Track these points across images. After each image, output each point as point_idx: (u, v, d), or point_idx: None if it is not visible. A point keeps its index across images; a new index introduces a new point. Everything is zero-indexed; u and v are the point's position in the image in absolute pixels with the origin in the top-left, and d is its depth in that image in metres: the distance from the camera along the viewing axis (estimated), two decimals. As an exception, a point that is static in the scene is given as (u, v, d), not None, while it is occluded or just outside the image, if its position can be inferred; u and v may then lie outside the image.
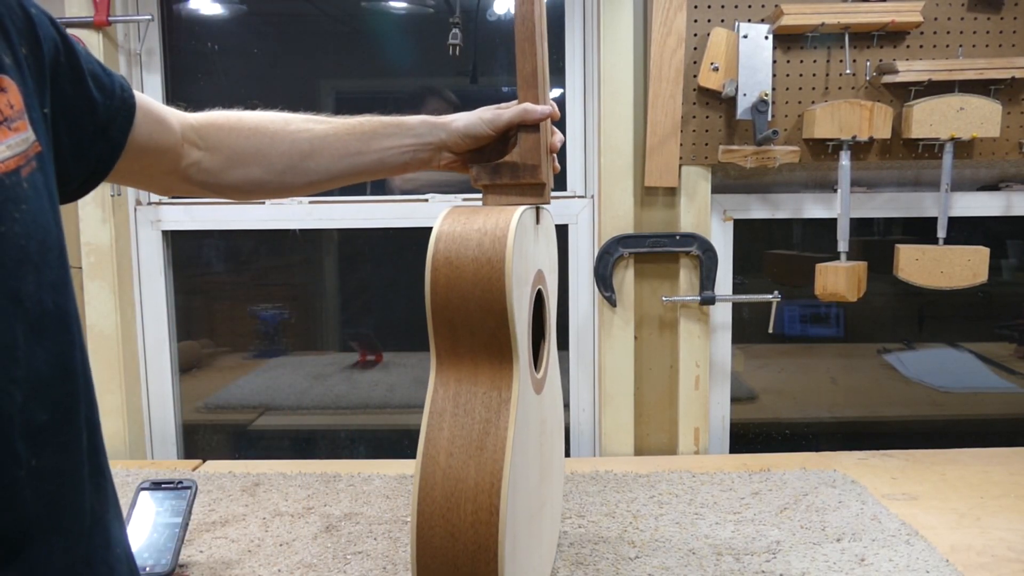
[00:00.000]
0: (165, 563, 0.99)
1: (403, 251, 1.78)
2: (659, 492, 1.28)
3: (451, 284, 0.74)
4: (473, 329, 0.75)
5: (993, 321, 1.87)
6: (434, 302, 0.75)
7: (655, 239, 1.48)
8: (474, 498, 0.71)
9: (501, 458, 0.72)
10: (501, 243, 0.74)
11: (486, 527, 0.71)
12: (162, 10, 1.59)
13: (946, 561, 1.02)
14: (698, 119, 1.46)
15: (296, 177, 0.87)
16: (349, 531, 1.15)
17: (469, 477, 0.72)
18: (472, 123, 0.88)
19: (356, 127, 0.88)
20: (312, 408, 1.81)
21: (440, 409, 0.76)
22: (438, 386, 0.77)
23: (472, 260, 0.74)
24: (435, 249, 0.75)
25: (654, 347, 1.55)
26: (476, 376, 0.76)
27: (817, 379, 1.87)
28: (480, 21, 1.62)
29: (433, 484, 0.72)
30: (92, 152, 0.68)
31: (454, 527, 0.71)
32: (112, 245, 1.53)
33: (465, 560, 0.71)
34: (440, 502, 0.72)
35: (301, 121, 0.88)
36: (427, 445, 0.74)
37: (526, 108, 0.87)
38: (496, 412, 0.74)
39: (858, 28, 1.40)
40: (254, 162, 0.85)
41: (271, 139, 0.86)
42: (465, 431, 0.74)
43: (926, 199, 1.53)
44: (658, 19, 1.42)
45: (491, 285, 0.73)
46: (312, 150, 0.87)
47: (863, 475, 1.33)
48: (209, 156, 0.84)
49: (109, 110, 0.69)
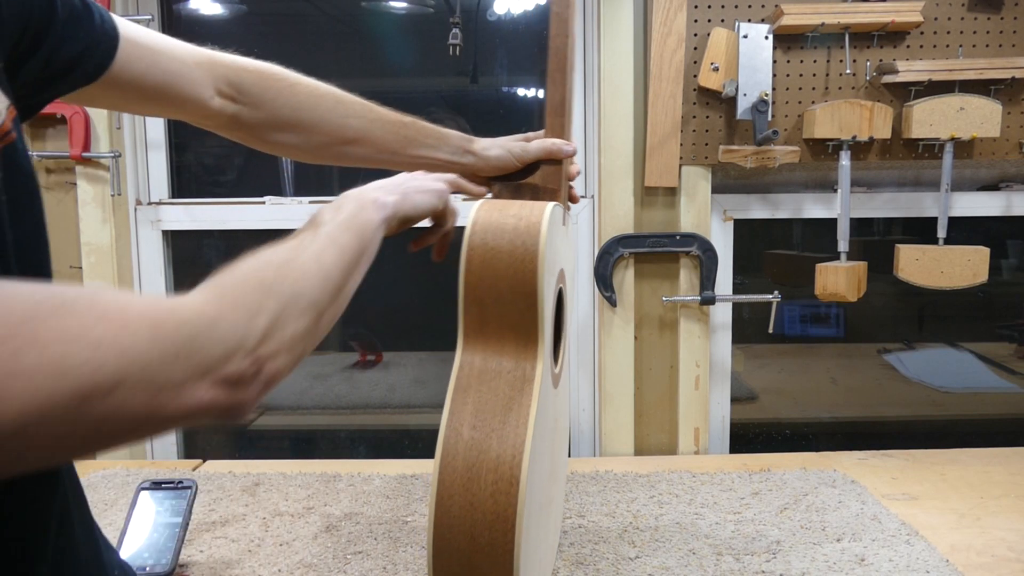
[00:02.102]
0: (165, 563, 0.99)
1: (404, 251, 1.77)
2: (659, 492, 1.28)
3: (485, 264, 0.78)
4: (502, 309, 0.78)
5: (993, 321, 1.87)
6: (467, 281, 0.78)
7: (655, 239, 1.48)
8: (495, 468, 0.73)
9: (524, 432, 0.74)
10: (536, 228, 0.78)
11: (505, 497, 0.72)
12: (162, 10, 1.59)
13: (946, 561, 1.02)
14: (698, 119, 1.46)
15: (330, 156, 0.89)
16: (349, 531, 1.15)
17: (491, 449, 0.74)
18: (503, 157, 0.91)
19: (400, 128, 0.89)
20: (312, 408, 1.81)
21: (465, 384, 0.78)
22: (464, 362, 0.79)
23: (508, 243, 0.78)
24: (471, 231, 0.79)
25: (654, 347, 1.55)
26: (501, 355, 0.79)
27: (817, 379, 1.87)
28: (480, 21, 1.62)
29: (455, 454, 0.74)
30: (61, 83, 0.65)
31: (474, 496, 0.73)
32: (112, 245, 1.53)
33: (483, 529, 0.72)
34: (461, 472, 0.73)
35: (353, 105, 0.87)
36: (451, 417, 0.76)
37: (553, 147, 0.91)
38: (519, 390, 0.77)
39: (858, 28, 1.40)
40: (295, 132, 0.85)
41: (320, 116, 0.85)
42: (489, 405, 0.76)
43: (926, 199, 1.53)
44: (658, 19, 1.42)
45: (524, 267, 0.77)
46: (356, 139, 0.87)
47: (863, 475, 1.33)
48: (248, 111, 0.82)
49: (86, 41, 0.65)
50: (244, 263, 0.55)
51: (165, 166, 1.61)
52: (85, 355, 0.40)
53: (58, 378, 0.38)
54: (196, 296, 0.49)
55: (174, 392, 0.43)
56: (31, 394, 0.38)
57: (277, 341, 0.51)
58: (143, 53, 0.71)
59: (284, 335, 0.52)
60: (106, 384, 0.40)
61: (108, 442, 0.43)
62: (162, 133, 1.60)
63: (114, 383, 0.40)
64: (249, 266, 0.54)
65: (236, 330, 0.48)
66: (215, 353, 0.46)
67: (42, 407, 0.38)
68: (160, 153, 1.60)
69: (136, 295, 0.46)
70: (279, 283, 0.54)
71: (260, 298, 0.51)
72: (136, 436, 0.44)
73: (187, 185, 1.69)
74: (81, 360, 0.39)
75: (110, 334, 0.41)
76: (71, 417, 0.39)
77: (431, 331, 1.87)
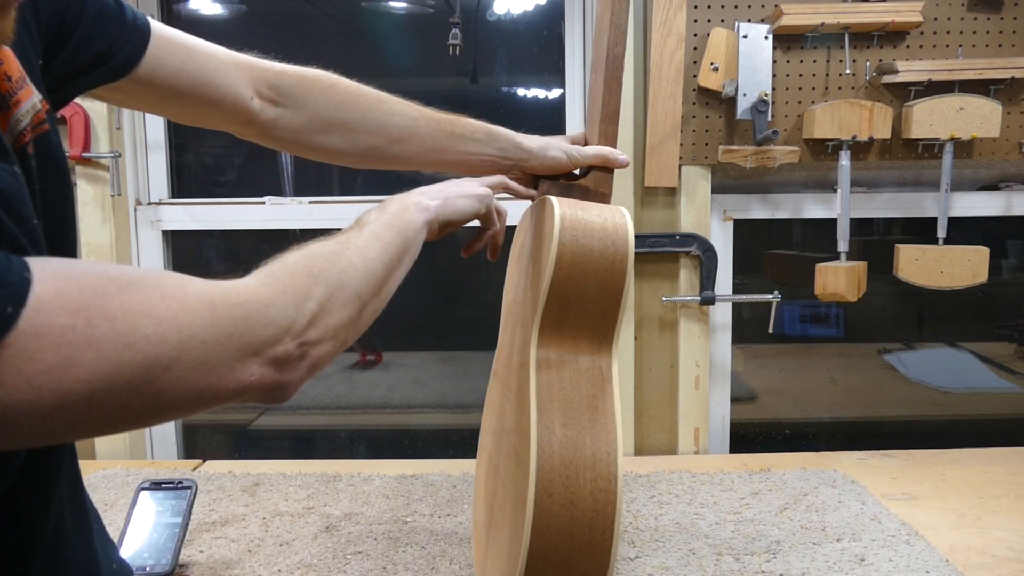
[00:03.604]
0: (165, 563, 0.99)
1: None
2: (659, 492, 1.28)
3: (576, 262, 0.79)
4: (585, 307, 0.79)
5: (993, 321, 1.87)
6: (556, 277, 0.79)
7: (655, 239, 1.48)
8: (592, 466, 0.73)
9: (613, 429, 0.75)
10: (623, 228, 0.80)
11: (604, 494, 0.73)
12: (162, 10, 1.59)
13: (946, 561, 1.02)
14: (698, 119, 1.46)
15: (377, 158, 0.88)
16: (349, 531, 1.15)
17: (586, 446, 0.74)
18: (560, 160, 0.92)
19: (446, 125, 0.89)
20: (312, 408, 1.81)
21: (548, 382, 0.78)
22: (542, 360, 0.80)
23: (599, 241, 0.79)
24: (562, 227, 0.79)
25: (654, 347, 1.55)
26: (577, 353, 0.80)
27: (817, 379, 1.87)
28: (480, 21, 1.62)
29: (551, 453, 0.74)
30: (89, 77, 0.66)
31: (574, 495, 0.73)
32: (112, 245, 1.53)
33: (582, 528, 0.72)
34: (559, 470, 0.73)
35: (394, 103, 0.87)
36: (541, 415, 0.76)
37: (610, 155, 0.93)
38: (601, 388, 0.79)
39: (858, 28, 1.40)
40: (339, 132, 0.85)
41: (363, 115, 0.85)
42: (575, 403, 0.77)
43: (926, 199, 1.53)
44: (658, 19, 1.42)
45: (615, 266, 0.79)
46: (402, 137, 0.87)
47: (863, 475, 1.33)
48: (290, 115, 0.82)
49: (116, 37, 0.66)
50: (293, 253, 0.57)
51: (165, 166, 1.60)
52: (150, 329, 0.42)
53: (125, 349, 0.41)
54: (250, 280, 0.51)
55: (227, 369, 0.46)
56: (102, 362, 0.41)
57: (323, 327, 0.54)
58: (177, 50, 0.72)
59: (330, 322, 0.54)
60: (166, 358, 0.43)
61: (163, 414, 0.45)
62: (162, 133, 1.60)
63: (174, 357, 0.43)
64: (298, 256, 0.56)
65: (286, 314, 0.51)
66: (266, 334, 0.49)
67: (111, 375, 0.41)
68: (160, 153, 1.60)
69: (195, 278, 0.48)
70: (326, 273, 0.56)
71: (309, 285, 0.54)
72: (188, 410, 0.46)
73: (187, 185, 1.69)
74: (146, 334, 0.42)
75: (172, 311, 0.44)
76: (134, 387, 0.42)
77: (431, 331, 1.87)
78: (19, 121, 0.52)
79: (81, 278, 0.42)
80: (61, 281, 0.41)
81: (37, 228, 0.50)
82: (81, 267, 0.43)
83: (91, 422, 0.42)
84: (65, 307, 0.40)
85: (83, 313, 0.40)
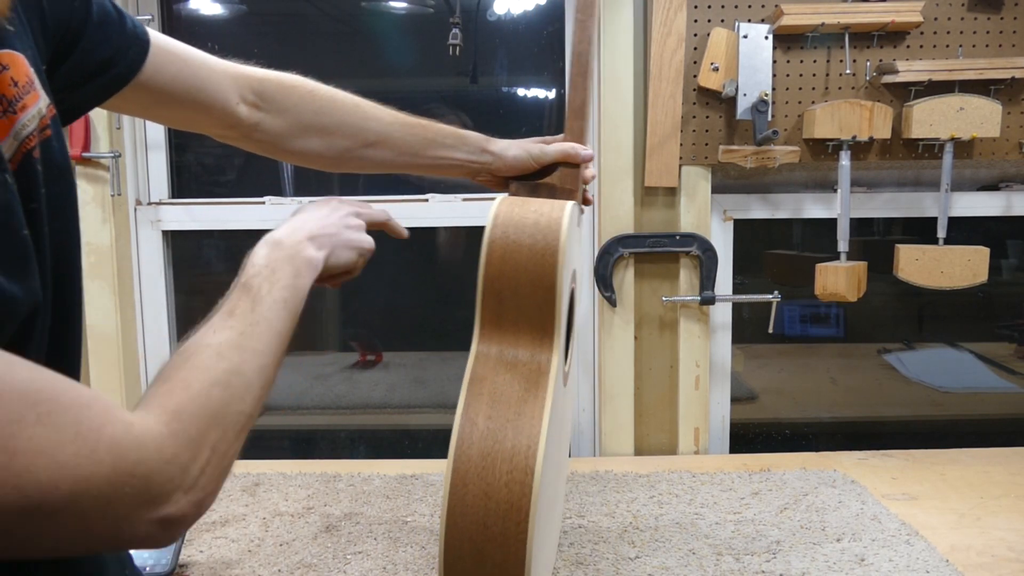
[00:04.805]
0: (165, 563, 0.99)
1: (404, 251, 1.77)
2: (659, 492, 1.28)
3: (506, 258, 0.79)
4: (520, 302, 0.80)
5: (993, 321, 1.87)
6: (487, 273, 0.80)
7: (655, 239, 1.49)
8: (510, 458, 0.74)
9: (539, 423, 0.75)
10: (557, 223, 0.80)
11: (520, 487, 0.73)
12: (162, 10, 1.59)
13: (946, 561, 1.02)
14: (698, 119, 1.46)
15: (352, 161, 0.90)
16: (349, 531, 1.15)
17: (507, 439, 0.75)
18: (520, 157, 0.93)
19: (420, 129, 0.91)
20: (312, 408, 1.81)
21: (481, 375, 0.79)
22: (479, 353, 0.81)
23: (528, 236, 0.80)
24: (493, 225, 0.80)
25: (654, 347, 1.55)
26: (517, 347, 0.80)
27: (817, 379, 1.87)
28: (480, 21, 1.62)
29: (471, 443, 0.75)
30: (93, 85, 0.66)
31: (488, 485, 0.73)
32: (112, 245, 1.53)
33: (496, 519, 0.73)
34: (476, 460, 0.74)
35: (370, 108, 0.89)
36: (466, 407, 0.77)
37: (571, 150, 0.93)
38: (535, 382, 0.78)
39: (858, 28, 1.40)
40: (316, 136, 0.87)
41: (340, 119, 0.87)
42: (505, 396, 0.77)
43: (926, 199, 1.53)
44: (658, 19, 1.42)
45: (544, 260, 0.79)
46: (376, 140, 0.89)
47: (863, 475, 1.33)
48: (271, 119, 0.84)
49: (118, 44, 0.67)
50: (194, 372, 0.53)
51: (165, 166, 1.60)
52: (45, 475, 0.40)
53: (12, 490, 0.39)
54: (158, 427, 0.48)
55: (113, 524, 0.44)
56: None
57: (214, 474, 0.51)
58: (173, 58, 0.74)
59: (222, 465, 0.52)
60: (52, 506, 0.41)
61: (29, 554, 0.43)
62: (162, 133, 1.60)
63: (61, 507, 0.41)
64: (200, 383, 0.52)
65: (183, 468, 0.48)
66: (161, 493, 0.47)
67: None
68: (160, 153, 1.60)
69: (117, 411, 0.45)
70: (224, 408, 0.53)
71: (207, 430, 0.51)
72: (60, 554, 0.44)
73: (187, 185, 1.69)
74: (39, 479, 0.40)
75: (76, 459, 0.42)
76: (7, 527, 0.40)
77: (431, 331, 1.87)
78: (25, 126, 0.52)
79: (4, 395, 0.40)
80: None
81: (27, 239, 0.49)
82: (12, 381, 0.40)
83: None
84: None
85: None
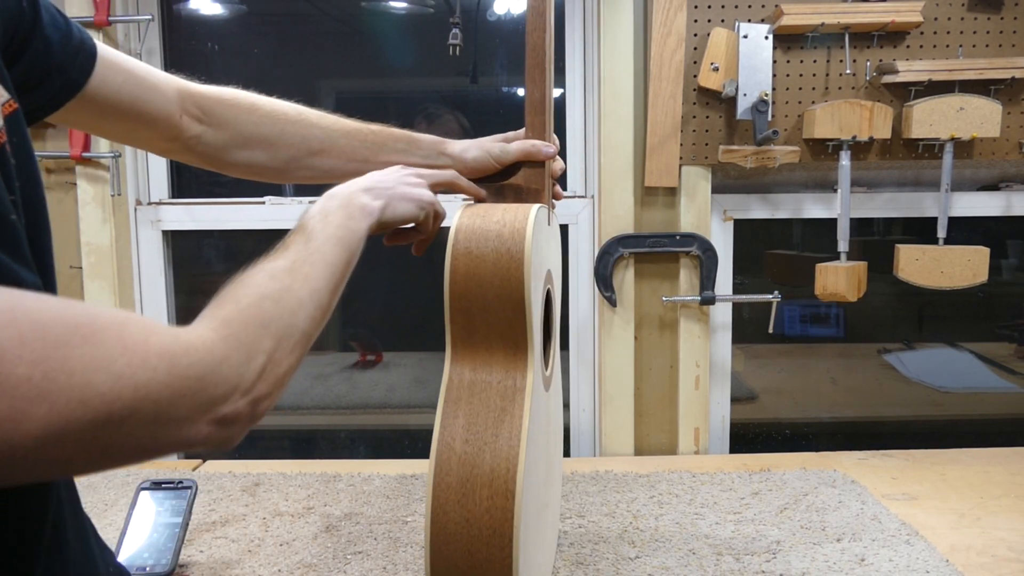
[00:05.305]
0: (165, 563, 0.99)
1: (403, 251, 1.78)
2: (659, 492, 1.28)
3: (470, 273, 0.76)
4: (490, 318, 0.77)
5: (993, 321, 1.87)
6: (453, 291, 0.77)
7: (655, 239, 1.49)
8: (490, 483, 0.72)
9: (517, 444, 0.73)
10: (520, 234, 0.76)
11: (501, 512, 0.72)
12: (162, 10, 1.59)
13: (946, 561, 1.02)
14: (698, 119, 1.46)
15: (299, 170, 0.89)
16: (349, 531, 1.15)
17: (485, 463, 0.73)
18: (481, 158, 0.90)
19: (368, 135, 0.89)
20: (312, 408, 1.81)
21: (455, 397, 0.77)
22: (453, 375, 0.78)
23: (492, 250, 0.76)
24: (455, 240, 0.77)
25: (654, 347, 1.55)
26: (491, 365, 0.78)
27: (817, 379, 1.87)
28: (480, 21, 1.62)
29: (448, 471, 0.73)
30: (43, 90, 0.66)
31: (469, 512, 0.72)
32: (112, 245, 1.53)
33: (480, 545, 0.72)
34: (455, 488, 0.73)
35: (315, 117, 0.88)
36: (442, 432, 0.75)
37: (533, 148, 0.89)
38: (511, 400, 0.76)
39: (858, 28, 1.40)
40: (259, 147, 0.86)
41: (281, 129, 0.86)
42: (480, 418, 0.75)
43: (926, 199, 1.53)
44: (658, 19, 1.42)
45: (510, 274, 0.75)
46: (321, 148, 0.88)
47: (863, 475, 1.33)
48: (212, 132, 0.83)
49: (66, 51, 0.67)
50: (244, 289, 0.56)
51: (165, 166, 1.61)
52: (106, 387, 0.42)
53: (79, 405, 0.41)
54: (207, 332, 0.51)
55: (176, 427, 0.46)
56: (53, 417, 0.40)
57: (271, 379, 0.54)
58: (118, 69, 0.74)
59: (277, 372, 0.55)
60: (119, 416, 0.42)
61: (111, 464, 0.45)
62: (162, 133, 1.60)
63: (126, 416, 0.43)
64: (251, 296, 0.56)
65: (238, 371, 0.51)
66: (217, 393, 0.49)
67: (61, 430, 0.40)
68: (160, 153, 1.60)
69: (159, 325, 0.47)
70: (276, 320, 0.56)
71: (259, 337, 0.54)
72: (135, 461, 0.46)
73: (187, 185, 1.69)
74: (102, 391, 0.42)
75: (131, 368, 0.43)
76: (82, 442, 0.41)
77: (431, 331, 1.87)
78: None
79: (48, 325, 0.41)
80: (26, 326, 0.40)
81: (16, 224, 0.50)
82: (50, 311, 0.42)
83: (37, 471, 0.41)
84: (25, 357, 0.39)
85: (42, 365, 0.40)
